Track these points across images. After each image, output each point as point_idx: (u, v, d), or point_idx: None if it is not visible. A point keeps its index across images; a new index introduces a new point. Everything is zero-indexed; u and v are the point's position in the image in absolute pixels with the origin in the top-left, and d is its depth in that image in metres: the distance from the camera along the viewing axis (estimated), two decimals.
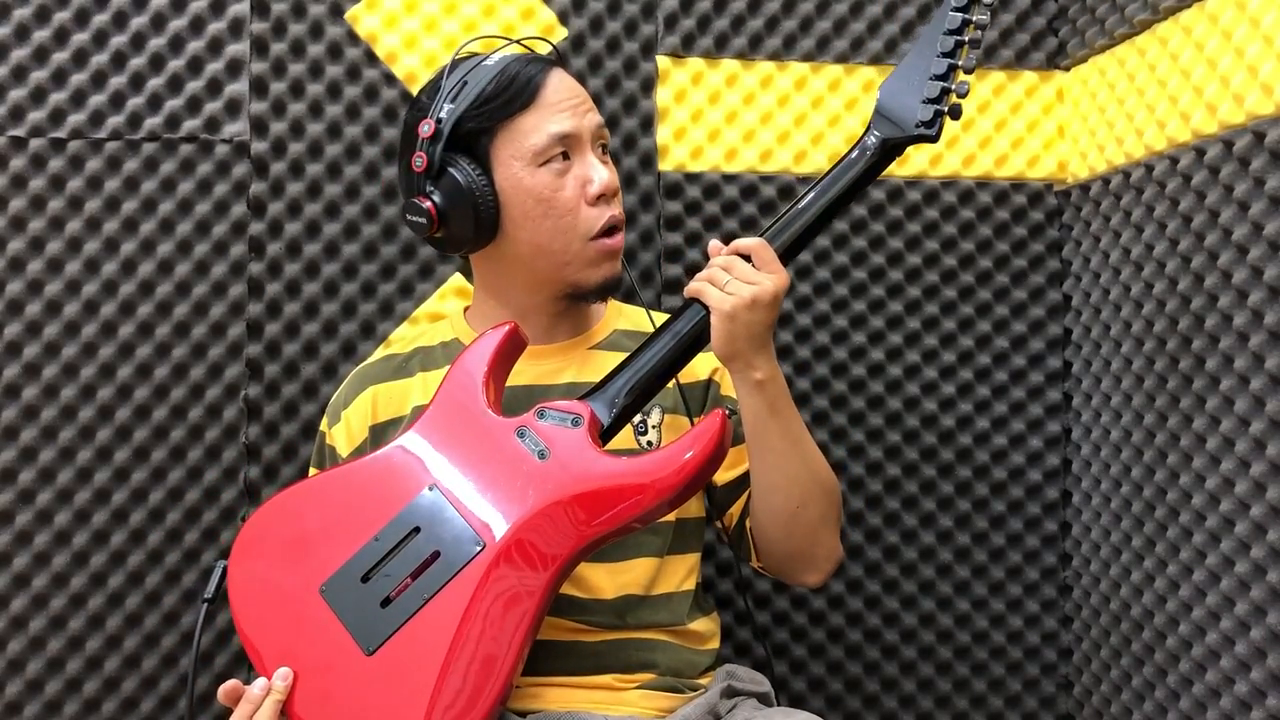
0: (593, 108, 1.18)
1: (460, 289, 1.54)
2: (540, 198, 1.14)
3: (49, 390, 1.48)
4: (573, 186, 1.15)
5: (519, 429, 1.06)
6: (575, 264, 1.16)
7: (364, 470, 1.08)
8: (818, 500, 1.15)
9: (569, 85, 1.17)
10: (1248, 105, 1.24)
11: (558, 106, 1.15)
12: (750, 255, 1.08)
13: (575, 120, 1.15)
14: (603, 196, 1.15)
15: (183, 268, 1.51)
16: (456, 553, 1.01)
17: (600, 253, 1.16)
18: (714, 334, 1.07)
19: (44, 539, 1.48)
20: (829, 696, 1.59)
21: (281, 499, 1.09)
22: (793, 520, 1.14)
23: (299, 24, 1.52)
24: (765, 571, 1.24)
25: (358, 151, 1.53)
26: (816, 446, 1.16)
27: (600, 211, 1.16)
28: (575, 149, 1.15)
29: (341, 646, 1.00)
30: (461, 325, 1.26)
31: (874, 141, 1.10)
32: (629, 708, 1.13)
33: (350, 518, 1.05)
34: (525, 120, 1.14)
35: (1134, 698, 1.46)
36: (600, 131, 1.18)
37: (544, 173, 1.14)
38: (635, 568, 1.16)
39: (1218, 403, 1.30)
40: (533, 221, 1.14)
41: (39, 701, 1.47)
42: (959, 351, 1.61)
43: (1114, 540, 1.50)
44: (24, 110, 1.48)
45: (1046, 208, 1.64)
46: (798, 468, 1.13)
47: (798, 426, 1.13)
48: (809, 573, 1.20)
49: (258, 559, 1.06)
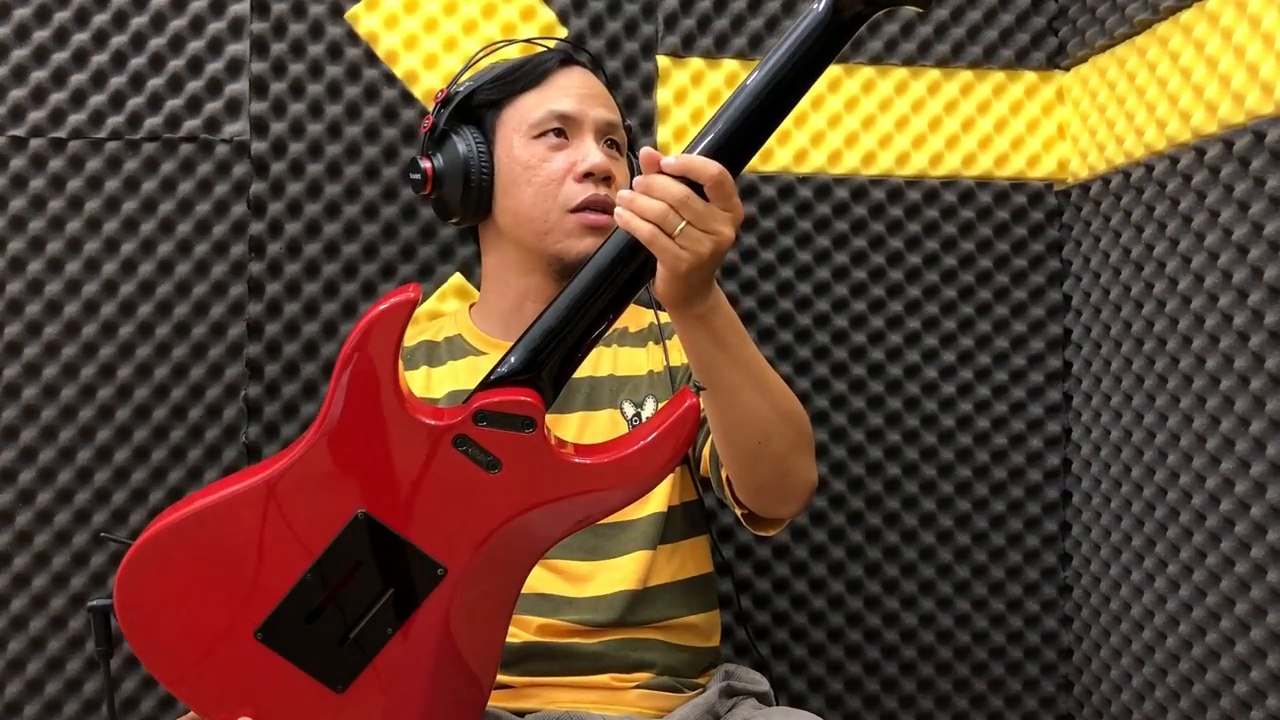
0: (606, 104, 1.21)
1: (460, 289, 1.54)
2: (527, 165, 1.17)
3: (49, 390, 1.48)
4: (562, 161, 1.17)
5: (456, 438, 0.89)
6: (555, 233, 1.17)
7: (264, 492, 0.90)
8: (782, 431, 1.01)
9: (584, 78, 1.22)
10: (1248, 105, 1.24)
11: (564, 90, 1.19)
12: (705, 187, 0.88)
13: (578, 105, 1.18)
14: (590, 175, 1.16)
15: (183, 268, 1.51)
16: (416, 582, 0.91)
17: (580, 225, 1.17)
18: (661, 286, 0.91)
19: (44, 538, 1.48)
20: (829, 696, 1.59)
21: (172, 530, 0.91)
22: (757, 456, 1.02)
23: (299, 24, 1.52)
24: (751, 520, 1.11)
25: (358, 151, 1.53)
26: (774, 373, 1.02)
27: (584, 187, 1.16)
28: (574, 131, 1.18)
29: (305, 688, 0.91)
30: (465, 321, 1.27)
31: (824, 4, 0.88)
32: (627, 707, 1.13)
33: (267, 551, 0.90)
34: (530, 97, 1.19)
35: (1134, 698, 1.46)
36: (608, 128, 1.20)
37: (537, 144, 1.18)
38: (628, 563, 1.16)
39: (1218, 403, 1.30)
40: (517, 189, 1.18)
41: (39, 701, 1.48)
42: (959, 351, 1.61)
43: (1114, 540, 1.50)
44: (24, 110, 1.48)
45: (1046, 208, 1.64)
46: (756, 401, 0.99)
47: (750, 354, 0.99)
48: (784, 505, 1.08)
49: (154, 604, 0.91)
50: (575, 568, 1.14)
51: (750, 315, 1.58)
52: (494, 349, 1.23)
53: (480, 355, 1.23)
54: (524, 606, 1.13)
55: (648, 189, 0.88)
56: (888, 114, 1.61)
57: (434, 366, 1.24)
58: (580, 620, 1.14)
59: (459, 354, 1.24)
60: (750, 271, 1.58)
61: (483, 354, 1.23)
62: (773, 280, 1.59)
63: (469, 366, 1.23)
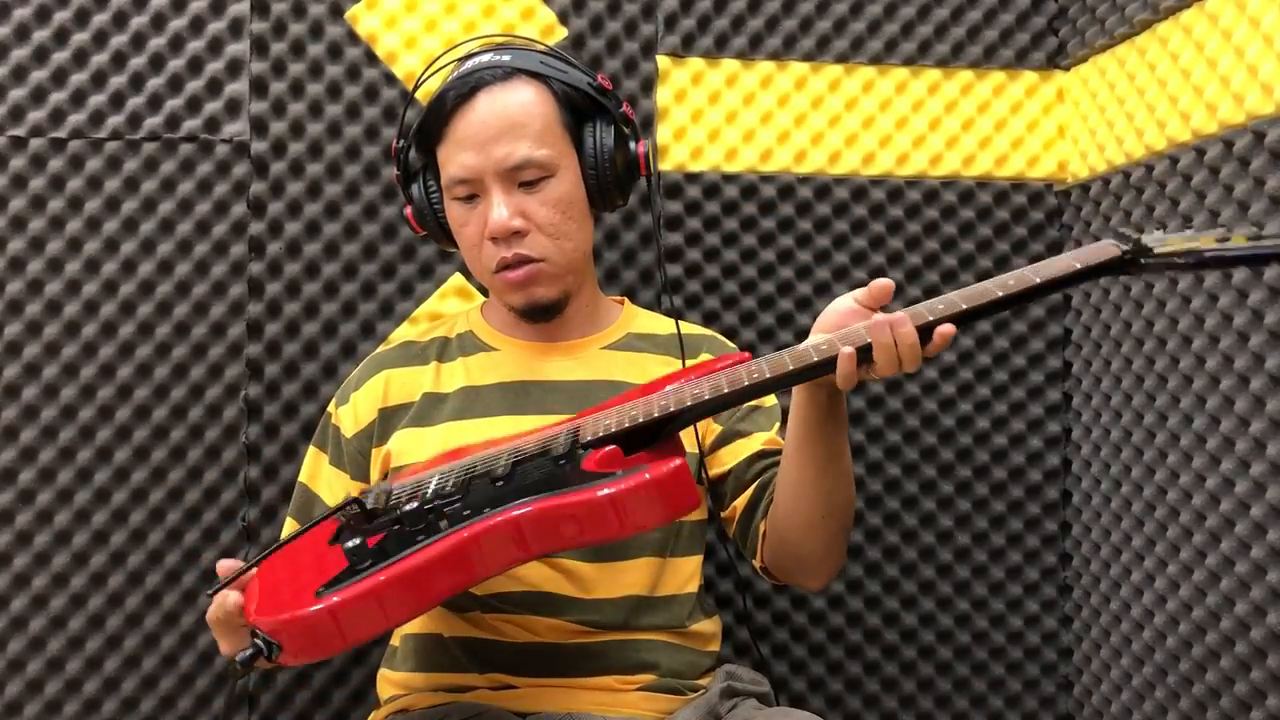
0: (513, 134, 1.12)
1: (460, 289, 1.54)
2: (454, 228, 1.19)
3: (49, 390, 1.48)
4: (476, 223, 1.16)
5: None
6: (494, 290, 1.20)
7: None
8: (843, 511, 1.12)
9: (479, 118, 1.13)
10: (1248, 105, 1.24)
11: (463, 144, 1.13)
12: (931, 342, 0.95)
13: (476, 159, 1.13)
14: (495, 238, 1.14)
15: (183, 268, 1.51)
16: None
17: (504, 284, 1.17)
18: (843, 382, 0.97)
19: (44, 539, 1.48)
20: (829, 696, 1.59)
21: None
22: (816, 528, 1.11)
23: (299, 24, 1.52)
24: (767, 574, 1.20)
25: (358, 151, 1.53)
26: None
27: (496, 249, 1.15)
28: (479, 188, 1.15)
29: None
30: (477, 319, 1.28)
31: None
32: (630, 709, 1.13)
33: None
34: (441, 153, 1.17)
35: (1134, 698, 1.46)
36: (512, 171, 1.13)
37: (455, 207, 1.17)
38: (638, 568, 1.16)
39: (1218, 403, 1.30)
40: (459, 247, 1.21)
41: (39, 701, 1.47)
42: (959, 351, 1.61)
43: (1114, 540, 1.50)
44: (24, 110, 1.48)
45: (1046, 208, 1.64)
46: (835, 478, 1.09)
47: (845, 436, 1.10)
48: (814, 578, 1.18)
49: None
50: (582, 569, 1.14)
51: (750, 315, 1.58)
52: (505, 345, 1.24)
53: (492, 351, 1.24)
54: (530, 606, 1.13)
55: (898, 334, 0.95)
56: (888, 114, 1.61)
57: (444, 362, 1.24)
58: (586, 621, 1.14)
59: (470, 350, 1.25)
60: (750, 271, 1.58)
61: (494, 350, 1.24)
62: (773, 280, 1.58)
63: (480, 363, 1.23)
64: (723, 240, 1.58)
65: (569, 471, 0.95)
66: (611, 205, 1.21)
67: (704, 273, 1.57)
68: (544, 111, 1.14)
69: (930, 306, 0.95)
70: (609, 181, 1.17)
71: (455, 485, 0.99)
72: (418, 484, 1.03)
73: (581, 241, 1.18)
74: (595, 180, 1.17)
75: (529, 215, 1.14)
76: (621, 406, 1.03)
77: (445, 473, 1.03)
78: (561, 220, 1.15)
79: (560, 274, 1.17)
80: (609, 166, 1.17)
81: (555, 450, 0.98)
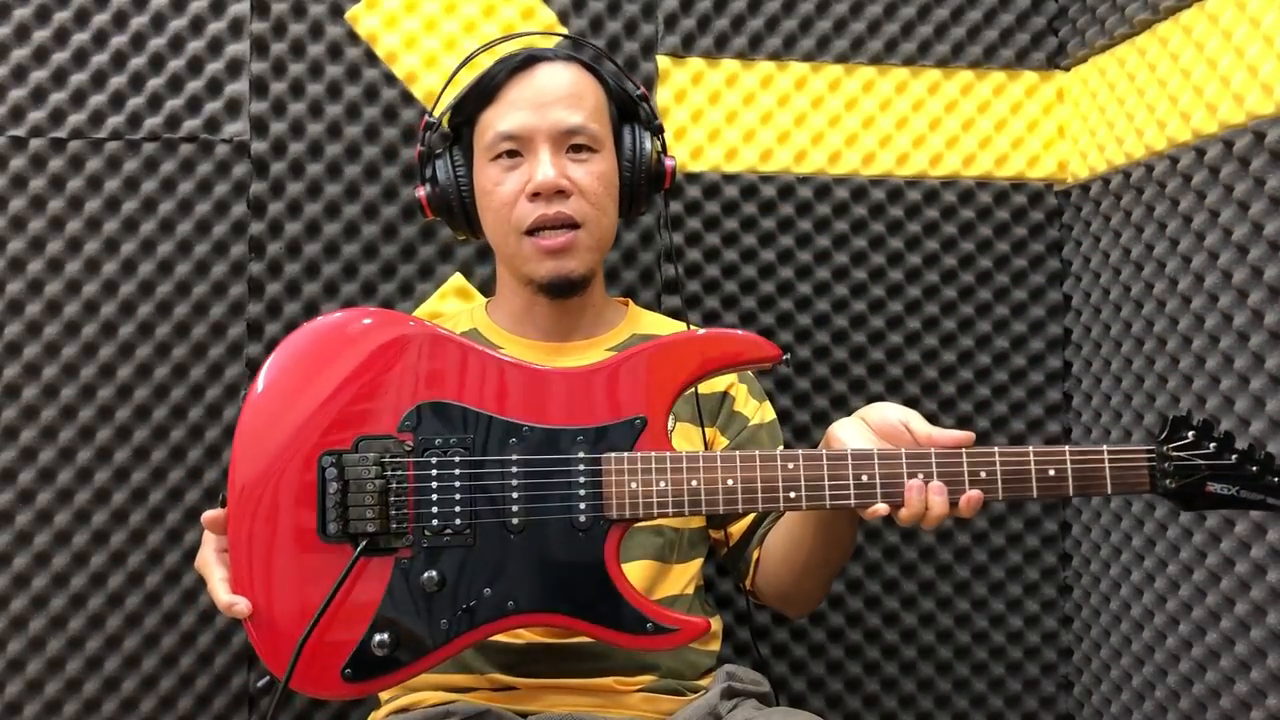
0: (569, 103, 1.15)
1: (460, 289, 1.54)
2: (485, 190, 1.18)
3: (49, 390, 1.48)
4: (515, 182, 1.16)
5: None
6: (517, 258, 1.18)
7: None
8: (839, 560, 1.15)
9: (538, 84, 1.16)
10: (1248, 105, 1.24)
11: (515, 104, 1.16)
12: (961, 504, 0.98)
13: (528, 119, 1.15)
14: (539, 194, 1.14)
15: (183, 268, 1.51)
16: None
17: (536, 249, 1.16)
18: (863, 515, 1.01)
19: (44, 539, 1.48)
20: (829, 696, 1.59)
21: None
22: (810, 572, 1.15)
23: (299, 24, 1.52)
24: (754, 596, 1.24)
25: (358, 151, 1.53)
26: None
27: (534, 207, 1.15)
28: (526, 147, 1.15)
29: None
30: (482, 317, 1.27)
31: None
32: (630, 710, 1.13)
33: None
34: (486, 116, 1.18)
35: (1134, 698, 1.46)
36: (567, 133, 1.15)
37: (493, 167, 1.17)
38: (637, 569, 1.16)
39: (1218, 403, 1.30)
40: (485, 213, 1.19)
41: (39, 701, 1.47)
42: (959, 351, 1.61)
43: (1114, 540, 1.50)
44: (24, 110, 1.48)
45: (1046, 208, 1.64)
46: (841, 532, 1.11)
47: (854, 519, 1.10)
48: (797, 609, 1.25)
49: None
50: None
51: (750, 315, 1.58)
52: (509, 343, 1.23)
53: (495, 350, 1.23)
54: None
55: (931, 502, 0.97)
56: (888, 114, 1.61)
57: None
58: None
59: None
60: (750, 271, 1.58)
61: (498, 348, 1.24)
62: (773, 280, 1.59)
63: None
64: (723, 240, 1.58)
65: (590, 558, 1.00)
66: (633, 208, 1.23)
67: (704, 273, 1.58)
68: (597, 95, 1.19)
69: (972, 472, 0.97)
70: (640, 182, 1.21)
71: (463, 519, 1.00)
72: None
73: (612, 224, 1.20)
74: (629, 177, 1.20)
75: (574, 180, 1.16)
76: (646, 455, 1.01)
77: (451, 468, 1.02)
78: (603, 193, 1.17)
79: (593, 247, 1.18)
80: (644, 169, 1.21)
81: (574, 508, 1.00)
